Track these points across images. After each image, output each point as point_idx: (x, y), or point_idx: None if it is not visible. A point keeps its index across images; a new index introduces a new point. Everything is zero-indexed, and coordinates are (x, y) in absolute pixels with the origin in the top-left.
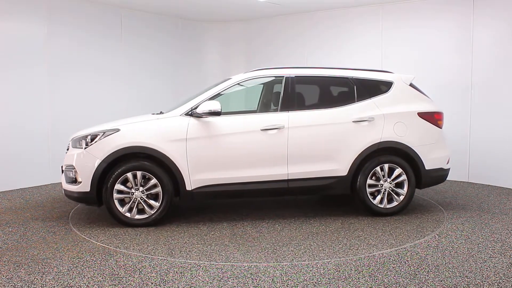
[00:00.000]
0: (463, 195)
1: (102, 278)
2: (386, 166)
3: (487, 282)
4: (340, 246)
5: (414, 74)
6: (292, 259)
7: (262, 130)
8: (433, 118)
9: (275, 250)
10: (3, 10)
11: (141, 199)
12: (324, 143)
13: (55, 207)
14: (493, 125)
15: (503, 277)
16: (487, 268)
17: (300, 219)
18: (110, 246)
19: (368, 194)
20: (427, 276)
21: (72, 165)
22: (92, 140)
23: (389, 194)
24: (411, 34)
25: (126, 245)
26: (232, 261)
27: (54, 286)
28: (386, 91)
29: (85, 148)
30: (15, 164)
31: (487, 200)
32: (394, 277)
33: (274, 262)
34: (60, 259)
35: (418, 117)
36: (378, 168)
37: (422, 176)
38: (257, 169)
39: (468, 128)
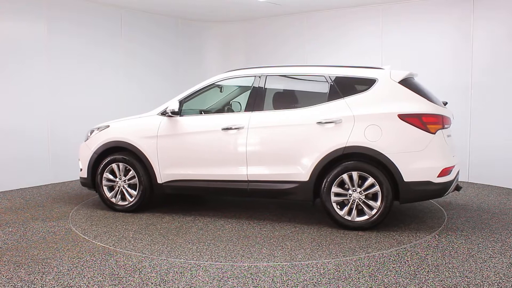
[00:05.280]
0: (463, 195)
1: (102, 278)
2: (354, 174)
3: (487, 282)
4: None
5: (409, 71)
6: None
7: (223, 129)
8: (420, 121)
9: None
10: (3, 9)
11: (123, 188)
12: (284, 145)
13: (55, 207)
14: (493, 125)
15: (503, 277)
16: (487, 268)
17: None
18: (110, 246)
19: (334, 204)
20: (427, 276)
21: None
22: (91, 134)
23: (361, 205)
24: (411, 34)
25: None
26: (232, 261)
27: (54, 286)
28: (365, 90)
29: (85, 141)
30: (15, 164)
31: (487, 200)
32: (394, 277)
33: (274, 262)
34: (60, 259)
35: (399, 119)
36: (345, 176)
37: (399, 189)
38: (219, 168)
39: (468, 128)
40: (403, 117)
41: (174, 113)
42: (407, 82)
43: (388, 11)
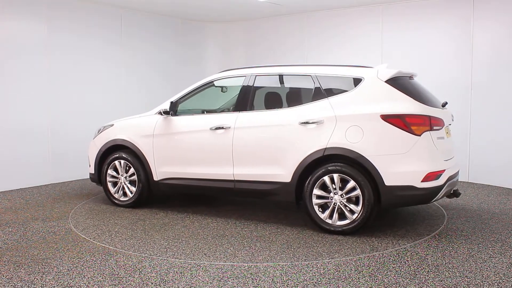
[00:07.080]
0: (463, 195)
1: (102, 278)
2: (336, 176)
3: (487, 282)
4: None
5: (398, 69)
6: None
7: (211, 129)
8: (404, 122)
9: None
10: (3, 8)
11: (124, 184)
12: (267, 145)
13: (55, 207)
14: (493, 125)
15: (503, 277)
16: (487, 268)
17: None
18: (110, 246)
19: (315, 206)
20: (427, 276)
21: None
22: (98, 132)
23: (342, 209)
24: (411, 34)
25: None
26: (232, 261)
27: (54, 286)
28: (350, 89)
29: (94, 138)
30: (15, 164)
31: (487, 200)
32: (394, 277)
33: (274, 262)
34: (60, 259)
35: (382, 120)
36: (327, 178)
37: (380, 194)
38: (208, 167)
39: (468, 128)
40: (386, 118)
41: (166, 112)
42: (395, 81)
43: (388, 10)
